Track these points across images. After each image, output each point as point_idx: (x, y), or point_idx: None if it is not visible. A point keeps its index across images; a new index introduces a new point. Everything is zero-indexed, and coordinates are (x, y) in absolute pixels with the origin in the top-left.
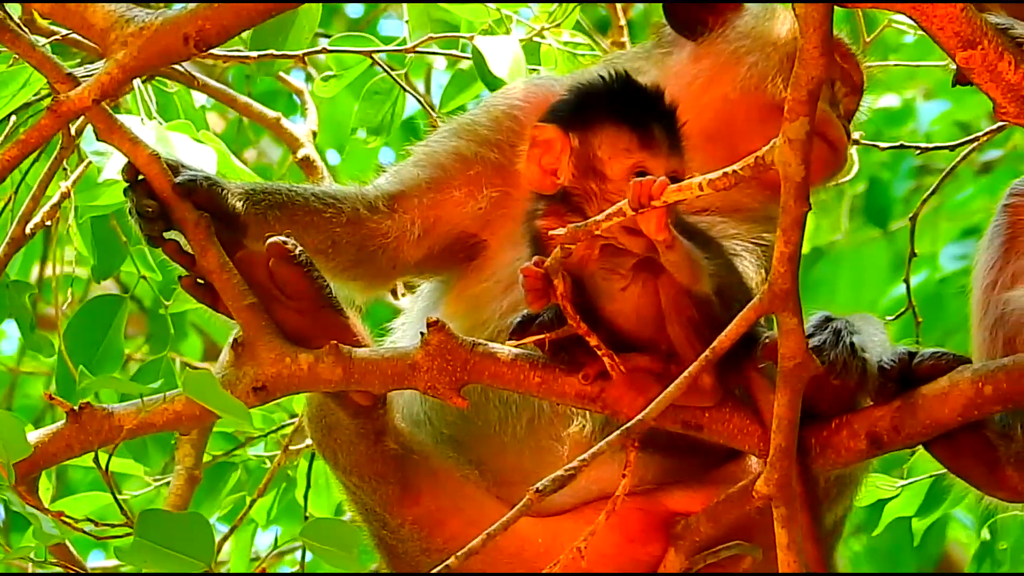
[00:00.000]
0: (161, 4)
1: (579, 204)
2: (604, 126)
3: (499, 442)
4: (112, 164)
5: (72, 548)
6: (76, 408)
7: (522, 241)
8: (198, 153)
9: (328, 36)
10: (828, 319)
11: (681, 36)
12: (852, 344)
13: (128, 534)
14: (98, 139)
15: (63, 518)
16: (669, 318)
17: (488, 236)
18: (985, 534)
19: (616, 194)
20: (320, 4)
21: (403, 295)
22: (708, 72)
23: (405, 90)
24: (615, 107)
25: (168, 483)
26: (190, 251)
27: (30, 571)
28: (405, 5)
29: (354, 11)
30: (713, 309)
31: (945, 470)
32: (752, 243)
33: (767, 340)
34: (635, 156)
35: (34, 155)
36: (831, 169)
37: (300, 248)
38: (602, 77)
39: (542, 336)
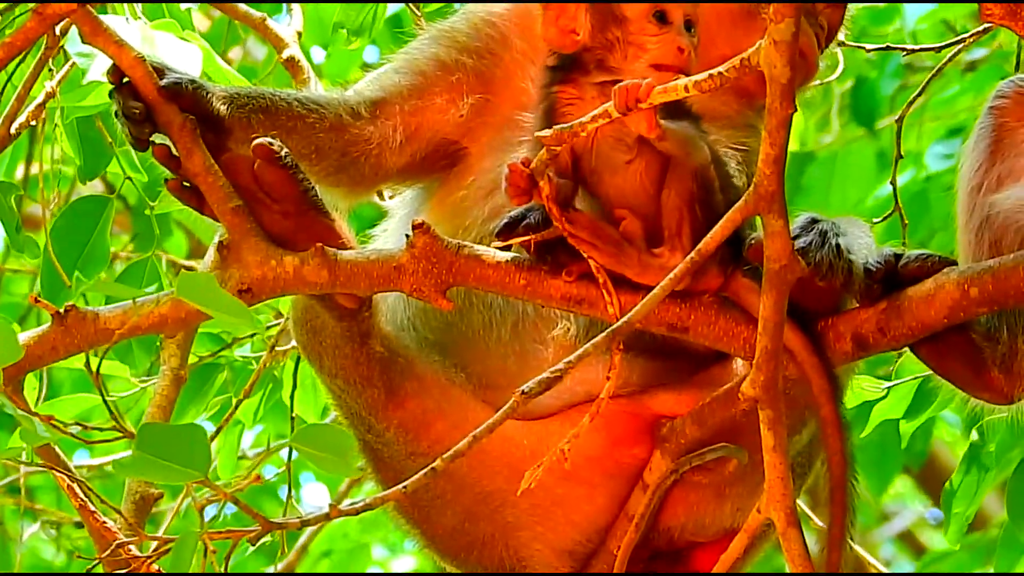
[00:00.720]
0: None
1: (601, 58)
2: None
3: (484, 346)
4: (97, 65)
5: (58, 449)
6: (62, 311)
7: (504, 147)
8: (183, 53)
9: None
10: (814, 221)
11: None
12: (838, 246)
13: (117, 438)
14: (84, 42)
15: (51, 421)
16: (669, 184)
17: (469, 143)
18: (974, 435)
19: (637, 35)
20: None
21: (390, 197)
22: None
23: None
24: None
25: (154, 384)
26: (176, 154)
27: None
28: None
29: None
30: (712, 193)
31: (931, 372)
32: (733, 149)
33: (753, 242)
34: None
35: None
36: (801, 76)
37: (286, 150)
38: None
39: (528, 238)
